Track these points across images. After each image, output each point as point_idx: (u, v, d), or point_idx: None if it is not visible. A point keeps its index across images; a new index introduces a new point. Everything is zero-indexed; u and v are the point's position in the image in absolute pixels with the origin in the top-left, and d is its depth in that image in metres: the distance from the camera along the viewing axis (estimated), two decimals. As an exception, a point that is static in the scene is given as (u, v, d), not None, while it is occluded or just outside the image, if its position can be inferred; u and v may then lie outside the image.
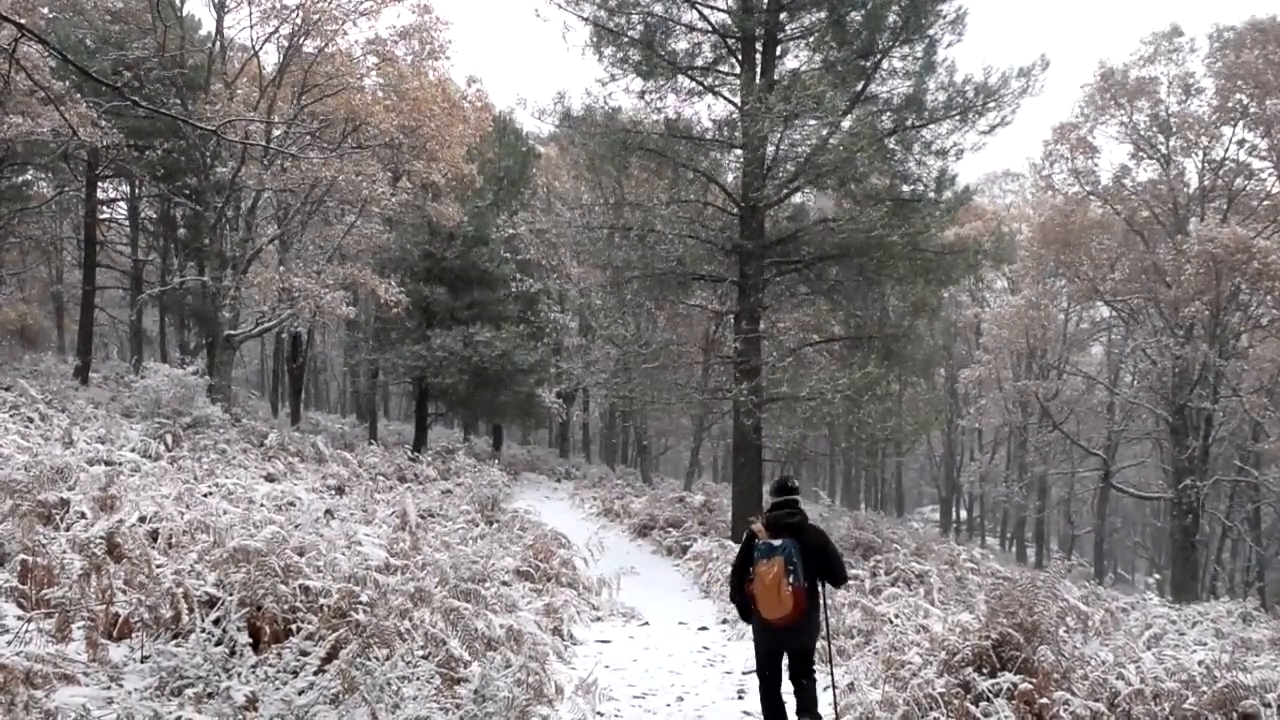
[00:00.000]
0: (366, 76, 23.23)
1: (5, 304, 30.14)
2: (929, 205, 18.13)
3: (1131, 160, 29.17)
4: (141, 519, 8.19)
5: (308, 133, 23.03)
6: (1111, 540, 43.60)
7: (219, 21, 22.86)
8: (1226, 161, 27.85)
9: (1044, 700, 6.36)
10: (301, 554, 7.36)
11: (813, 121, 17.08)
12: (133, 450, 13.10)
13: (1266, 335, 28.06)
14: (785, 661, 6.41)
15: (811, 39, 18.51)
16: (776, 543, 6.24)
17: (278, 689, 5.01)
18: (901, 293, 19.81)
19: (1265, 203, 27.68)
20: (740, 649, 10.26)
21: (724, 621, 12.04)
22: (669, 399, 20.60)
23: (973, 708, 6.38)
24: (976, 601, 9.99)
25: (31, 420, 14.31)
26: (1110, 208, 29.21)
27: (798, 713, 6.28)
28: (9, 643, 5.21)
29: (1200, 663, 6.92)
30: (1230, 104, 26.72)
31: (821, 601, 6.40)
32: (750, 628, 6.62)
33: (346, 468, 18.34)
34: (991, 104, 17.37)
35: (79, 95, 19.73)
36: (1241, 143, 27.39)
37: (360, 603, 6.63)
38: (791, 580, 6.09)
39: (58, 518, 7.99)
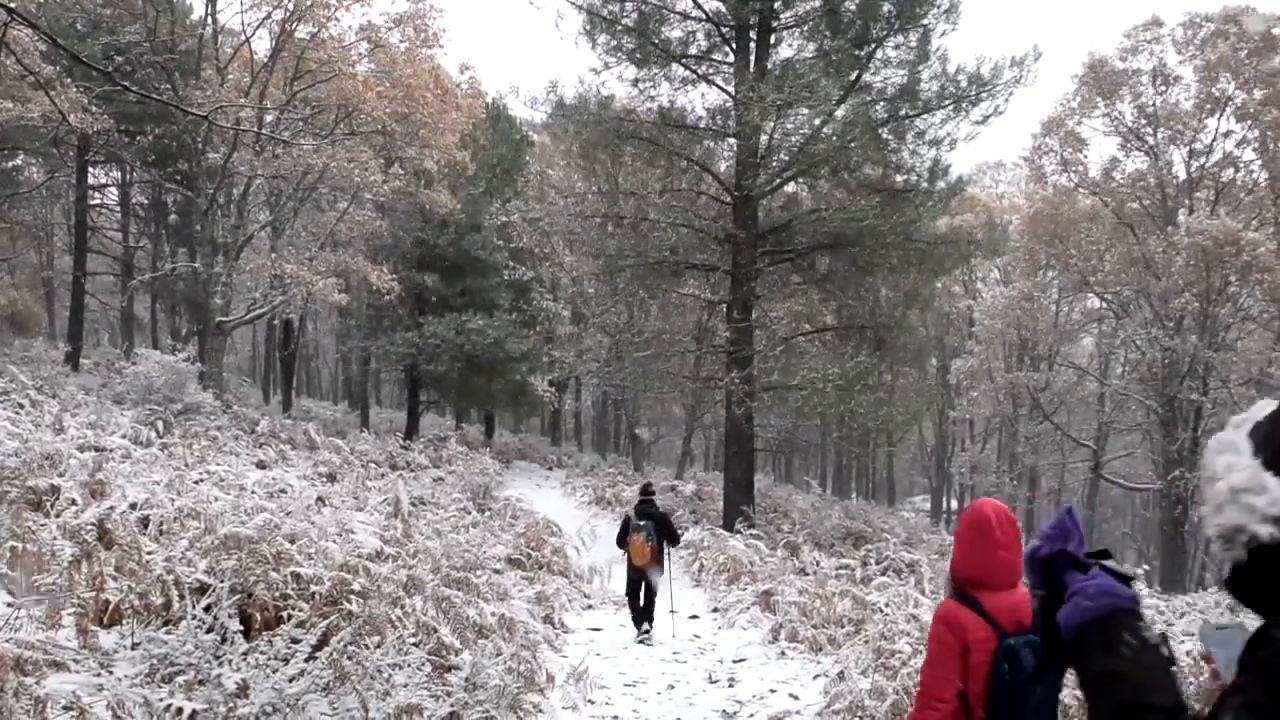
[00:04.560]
0: (359, 63, 23.13)
1: (-5, 289, 29.98)
2: (922, 195, 18.16)
3: (1120, 152, 29.22)
4: (132, 506, 8.15)
5: (300, 119, 22.95)
6: (1101, 531, 43.80)
7: (210, 6, 22.73)
8: (1213, 152, 27.88)
9: (1032, 689, 6.38)
10: (293, 541, 7.35)
11: (806, 111, 17.07)
12: (123, 437, 13.06)
13: (1255, 327, 28.16)
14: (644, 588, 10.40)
15: (806, 28, 18.50)
16: (642, 522, 10.26)
17: (269, 676, 5.01)
18: (894, 283, 19.84)
19: (1252, 194, 27.72)
20: (730, 637, 10.29)
21: (715, 610, 12.09)
22: (661, 387, 20.66)
23: (962, 697, 6.40)
24: (966, 591, 10.00)
25: (22, 406, 14.24)
26: (1099, 199, 29.25)
27: (645, 617, 10.38)
28: (-1, 629, 5.20)
29: (1188, 654, 6.96)
30: (1214, 92, 26.73)
31: (665, 554, 10.47)
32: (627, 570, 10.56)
33: (338, 455, 18.33)
34: (985, 94, 17.39)
35: (70, 80, 19.59)
36: (1227, 134, 27.44)
37: (352, 590, 6.63)
38: (650, 543, 10.12)
39: (48, 504, 7.96)
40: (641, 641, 10.20)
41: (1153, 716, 1.36)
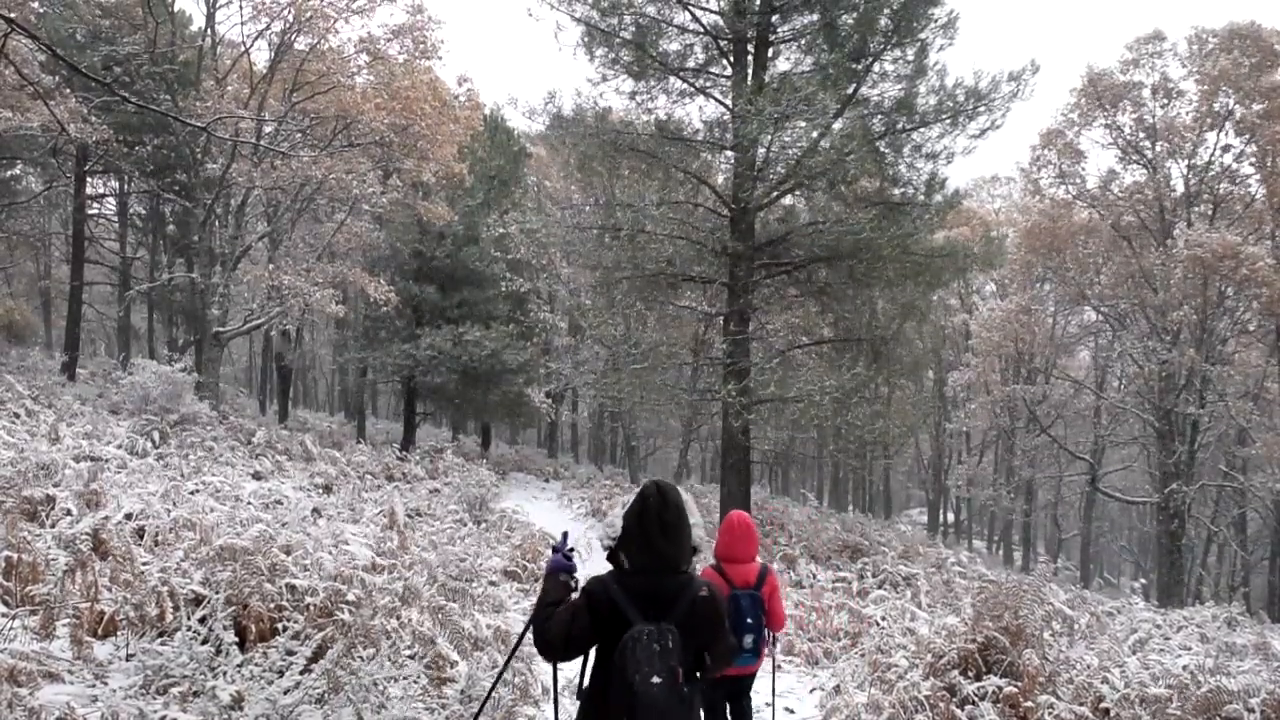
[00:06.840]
0: (358, 75, 23.16)
1: (-8, 299, 29.97)
2: (919, 208, 18.16)
3: (1118, 164, 29.25)
4: (127, 516, 8.15)
5: (298, 130, 22.97)
6: (1098, 544, 43.76)
7: (210, 17, 22.78)
8: (1211, 166, 27.92)
9: (1029, 704, 6.38)
10: (288, 553, 7.33)
11: (803, 124, 17.09)
12: (119, 447, 13.04)
13: (1253, 341, 28.20)
14: None
15: (803, 41, 18.54)
16: None
17: (263, 688, 5.00)
18: (891, 295, 19.85)
19: (1250, 209, 27.75)
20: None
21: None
22: (658, 400, 20.59)
23: (958, 711, 6.40)
24: (963, 604, 10.00)
25: (18, 416, 14.24)
26: (1096, 212, 29.30)
27: None
28: (-7, 640, 5.18)
29: (1185, 667, 6.95)
30: (1215, 108, 26.79)
31: None
32: None
33: (334, 466, 18.29)
34: (981, 107, 17.41)
35: (69, 90, 19.66)
36: (1226, 148, 27.48)
37: (347, 602, 6.61)
38: None
39: (43, 514, 7.94)
40: None
41: (547, 605, 3.48)
